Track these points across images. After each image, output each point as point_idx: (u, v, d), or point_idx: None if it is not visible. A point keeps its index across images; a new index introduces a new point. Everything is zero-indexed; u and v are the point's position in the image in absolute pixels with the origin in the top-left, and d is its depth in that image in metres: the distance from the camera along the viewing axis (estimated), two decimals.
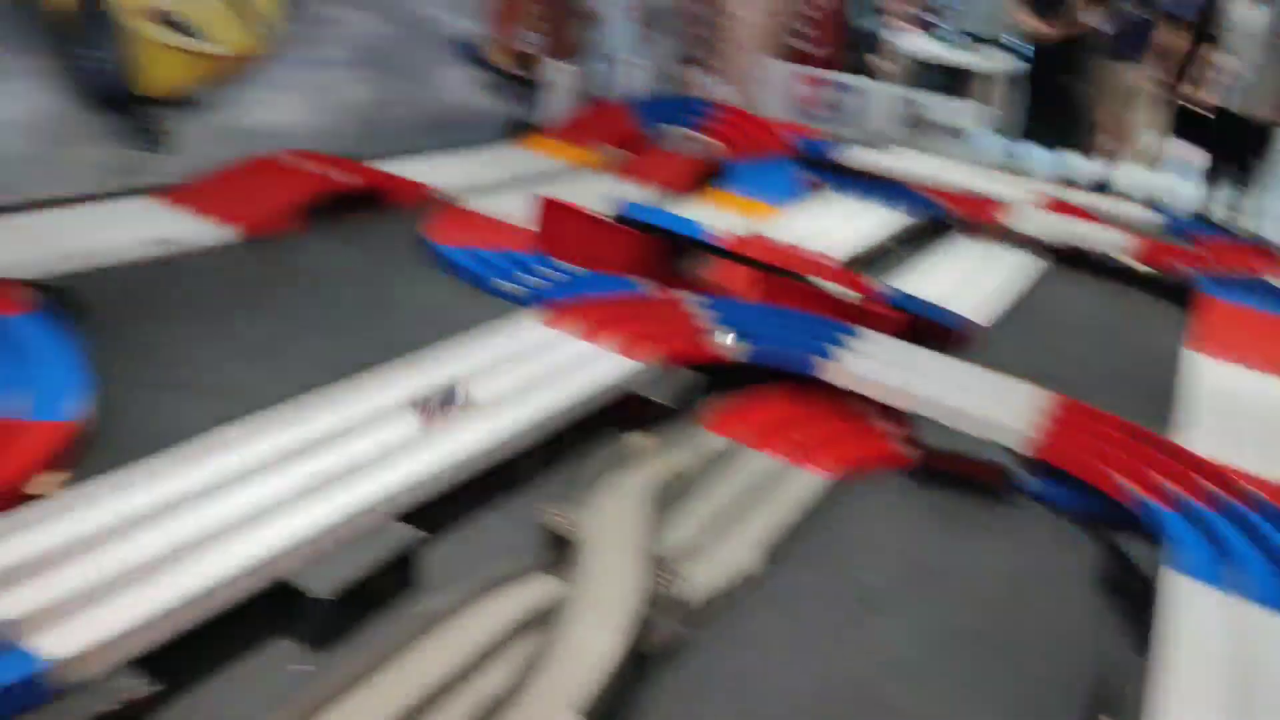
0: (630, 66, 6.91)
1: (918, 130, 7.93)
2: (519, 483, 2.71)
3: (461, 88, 6.19)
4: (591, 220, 4.23)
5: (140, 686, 1.76)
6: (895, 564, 2.67)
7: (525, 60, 6.56)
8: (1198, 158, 7.04)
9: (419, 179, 5.06)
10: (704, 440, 3.00)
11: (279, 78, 4.93)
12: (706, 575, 2.35)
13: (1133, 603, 2.60)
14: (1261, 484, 3.17)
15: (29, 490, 2.24)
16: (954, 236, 5.74)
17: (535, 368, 3.04)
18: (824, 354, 3.47)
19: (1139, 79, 7.09)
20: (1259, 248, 6.21)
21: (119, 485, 2.17)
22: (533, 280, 3.97)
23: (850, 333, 3.70)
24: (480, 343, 3.16)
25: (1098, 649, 2.38)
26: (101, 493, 2.13)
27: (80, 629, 1.78)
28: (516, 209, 4.75)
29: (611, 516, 2.39)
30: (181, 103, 4.51)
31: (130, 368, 2.96)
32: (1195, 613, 2.39)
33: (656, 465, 2.69)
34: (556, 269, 4.13)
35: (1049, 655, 2.39)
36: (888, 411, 3.31)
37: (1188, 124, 6.96)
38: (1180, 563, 2.58)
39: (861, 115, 7.97)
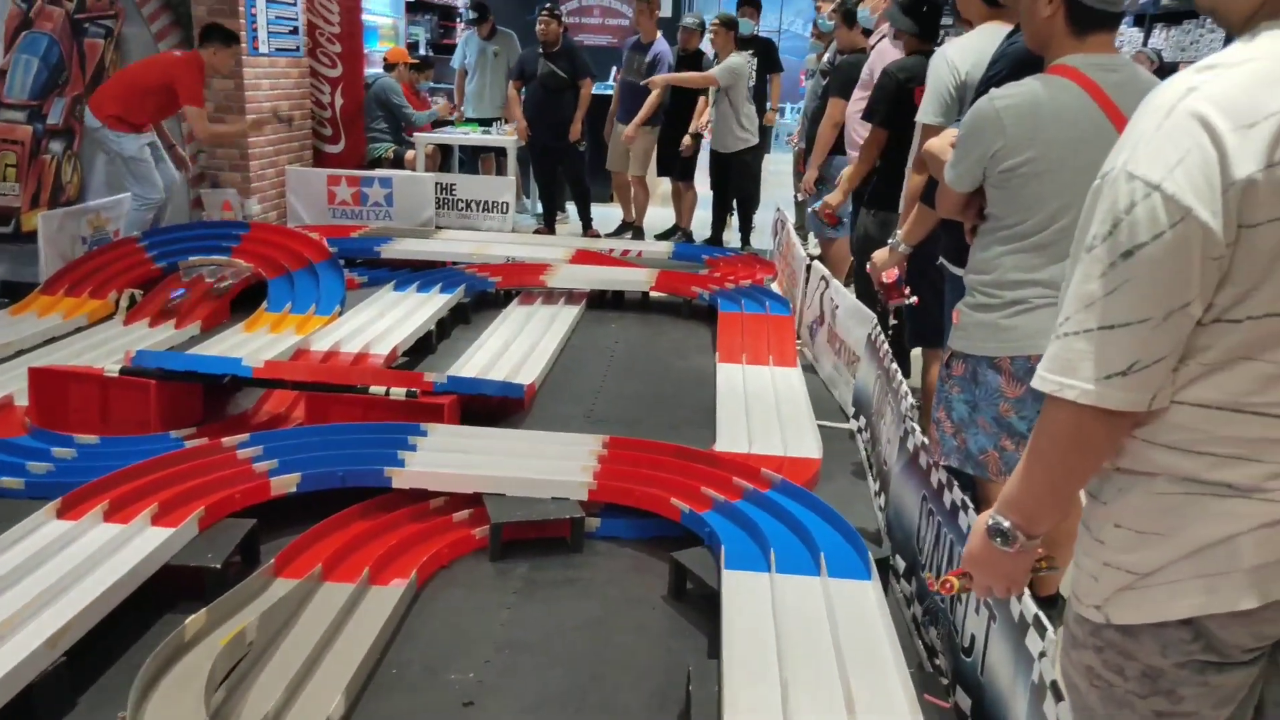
0: (139, 200, 6.35)
1: (456, 211, 8.23)
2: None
3: None
4: (97, 381, 3.78)
5: None
6: (487, 653, 2.69)
7: (3, 214, 5.79)
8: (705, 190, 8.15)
9: None
10: (272, 591, 2.80)
11: None
12: None
13: (705, 611, 2.88)
14: (779, 463, 3.69)
15: None
16: (504, 306, 6.01)
17: (48, 575, 2.63)
18: (394, 461, 3.42)
19: (643, 136, 7.99)
20: (755, 258, 7.27)
21: None
22: (37, 467, 3.46)
23: (418, 431, 3.69)
24: None
25: (681, 665, 2.56)
26: None
27: None
28: (14, 386, 4.14)
29: None
30: None
31: None
32: (745, 601, 2.68)
33: (214, 641, 2.46)
34: (68, 446, 3.65)
35: (638, 687, 2.55)
36: (467, 501, 3.34)
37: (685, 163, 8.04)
38: (730, 560, 2.89)
39: (401, 206, 8.08)
